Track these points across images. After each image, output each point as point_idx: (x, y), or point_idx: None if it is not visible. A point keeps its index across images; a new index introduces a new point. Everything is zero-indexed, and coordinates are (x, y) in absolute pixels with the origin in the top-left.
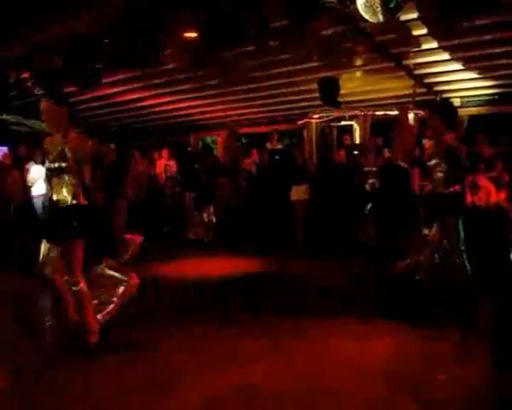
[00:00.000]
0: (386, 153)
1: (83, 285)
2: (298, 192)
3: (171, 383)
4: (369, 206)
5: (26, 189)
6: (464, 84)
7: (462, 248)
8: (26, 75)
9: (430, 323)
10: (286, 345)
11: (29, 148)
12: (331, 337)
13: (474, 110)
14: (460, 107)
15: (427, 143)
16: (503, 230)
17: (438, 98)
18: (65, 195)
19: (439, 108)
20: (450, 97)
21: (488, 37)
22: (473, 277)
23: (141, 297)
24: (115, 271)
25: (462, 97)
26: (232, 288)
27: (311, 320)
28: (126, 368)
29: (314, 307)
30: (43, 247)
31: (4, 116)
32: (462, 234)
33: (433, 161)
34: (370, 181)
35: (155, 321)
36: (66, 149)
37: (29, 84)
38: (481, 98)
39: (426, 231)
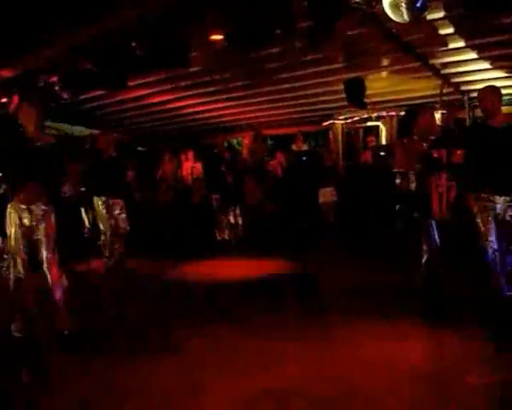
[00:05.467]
0: None
1: None
2: (325, 195)
3: (202, 384)
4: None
5: None
6: (492, 83)
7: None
8: (54, 79)
9: (462, 323)
10: (316, 347)
11: None
12: (362, 338)
13: (502, 110)
14: None
15: None
16: None
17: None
18: None
19: None
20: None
21: None
22: None
23: (170, 298)
24: None
25: None
26: (260, 290)
27: (341, 321)
28: (157, 368)
29: (344, 308)
30: None
31: None
32: None
33: None
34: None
35: (185, 322)
36: None
37: (57, 88)
38: (510, 98)
39: None
